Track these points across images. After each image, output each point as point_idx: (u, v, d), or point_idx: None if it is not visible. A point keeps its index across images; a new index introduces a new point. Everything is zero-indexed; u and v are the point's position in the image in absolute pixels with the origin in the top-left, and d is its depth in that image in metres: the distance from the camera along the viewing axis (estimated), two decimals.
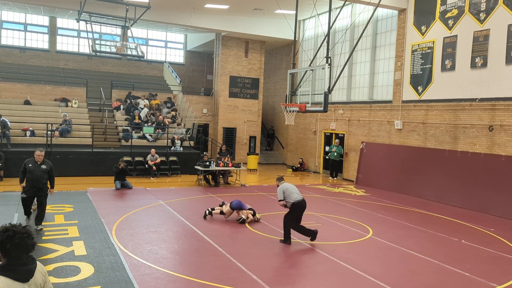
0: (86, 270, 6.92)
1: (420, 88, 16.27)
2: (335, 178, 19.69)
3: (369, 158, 18.26)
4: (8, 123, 16.89)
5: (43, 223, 9.30)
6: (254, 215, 10.69)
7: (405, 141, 16.89)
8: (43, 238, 8.53)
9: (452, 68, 14.99)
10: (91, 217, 10.49)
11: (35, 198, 9.28)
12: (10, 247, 2.87)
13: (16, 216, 10.13)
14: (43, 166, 9.06)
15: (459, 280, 7.26)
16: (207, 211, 10.96)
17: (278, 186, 9.04)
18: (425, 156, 15.74)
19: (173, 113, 21.93)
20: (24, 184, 9.08)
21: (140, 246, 8.31)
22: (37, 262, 3.10)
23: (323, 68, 14.17)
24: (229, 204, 10.83)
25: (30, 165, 8.97)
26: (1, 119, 16.78)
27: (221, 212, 10.90)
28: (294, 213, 8.78)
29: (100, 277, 6.64)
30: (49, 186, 9.35)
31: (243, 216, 10.51)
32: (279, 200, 8.90)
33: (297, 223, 8.87)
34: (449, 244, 9.50)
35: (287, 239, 8.84)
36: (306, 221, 10.84)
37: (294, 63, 16.46)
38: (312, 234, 8.86)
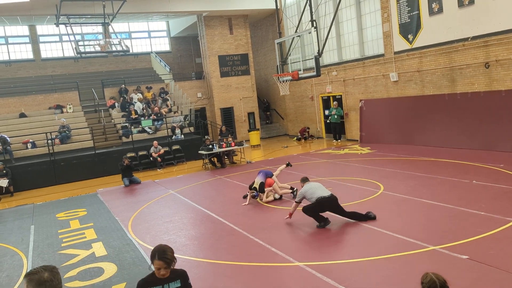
0: (109, 269, 7.02)
1: (410, 37, 16.05)
2: (339, 140, 19.67)
3: (369, 115, 18.19)
4: (8, 138, 16.87)
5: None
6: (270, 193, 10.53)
7: (403, 92, 16.77)
8: (62, 245, 8.62)
9: (440, 10, 14.73)
10: (105, 217, 10.58)
11: None
12: None
13: (32, 228, 10.23)
14: None
15: (476, 220, 7.31)
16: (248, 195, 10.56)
17: (302, 187, 8.34)
18: (425, 103, 15.65)
19: (168, 103, 21.83)
20: None
21: (158, 238, 8.40)
22: None
23: (310, 32, 13.98)
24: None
25: None
26: (0, 135, 16.77)
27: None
28: (317, 206, 7.91)
29: (124, 274, 6.74)
30: None
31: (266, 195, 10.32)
32: (296, 201, 8.30)
33: (319, 212, 8.01)
34: (461, 187, 9.54)
35: (321, 222, 7.92)
36: None
37: (280, 32, 16.27)
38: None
